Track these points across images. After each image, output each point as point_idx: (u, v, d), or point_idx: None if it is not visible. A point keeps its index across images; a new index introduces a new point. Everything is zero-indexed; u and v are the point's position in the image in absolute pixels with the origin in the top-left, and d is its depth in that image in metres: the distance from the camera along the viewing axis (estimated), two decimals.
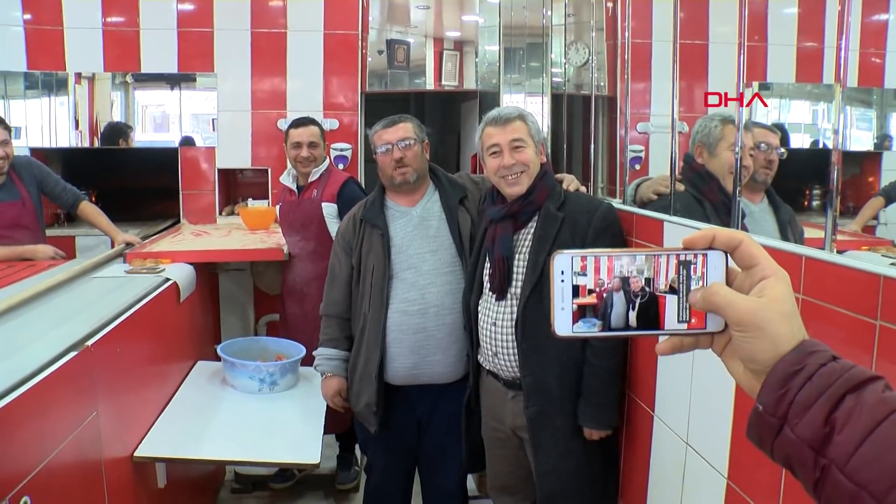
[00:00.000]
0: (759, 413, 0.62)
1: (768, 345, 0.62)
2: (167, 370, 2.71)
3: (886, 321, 1.21)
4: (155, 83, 4.47)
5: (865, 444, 0.55)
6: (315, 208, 3.38)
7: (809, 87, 2.51)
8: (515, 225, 2.28)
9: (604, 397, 2.21)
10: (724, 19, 2.46)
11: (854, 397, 0.57)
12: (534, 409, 2.24)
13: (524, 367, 2.24)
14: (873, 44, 2.45)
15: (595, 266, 0.68)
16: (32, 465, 1.52)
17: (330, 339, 2.65)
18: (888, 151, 2.50)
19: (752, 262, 0.66)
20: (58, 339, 1.87)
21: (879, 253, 1.58)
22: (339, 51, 4.47)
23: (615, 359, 2.23)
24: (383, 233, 2.52)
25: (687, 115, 2.74)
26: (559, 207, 2.23)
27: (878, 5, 2.44)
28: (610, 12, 3.57)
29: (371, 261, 2.52)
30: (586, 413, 2.21)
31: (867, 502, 0.53)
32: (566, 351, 2.20)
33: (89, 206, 3.56)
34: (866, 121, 2.54)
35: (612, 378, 2.23)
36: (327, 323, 2.67)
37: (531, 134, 2.27)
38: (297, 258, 3.45)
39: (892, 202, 2.10)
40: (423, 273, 2.49)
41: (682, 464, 1.97)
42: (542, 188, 2.26)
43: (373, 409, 2.52)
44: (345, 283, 2.63)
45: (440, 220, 2.56)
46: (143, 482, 2.29)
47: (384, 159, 2.56)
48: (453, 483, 2.72)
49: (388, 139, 2.55)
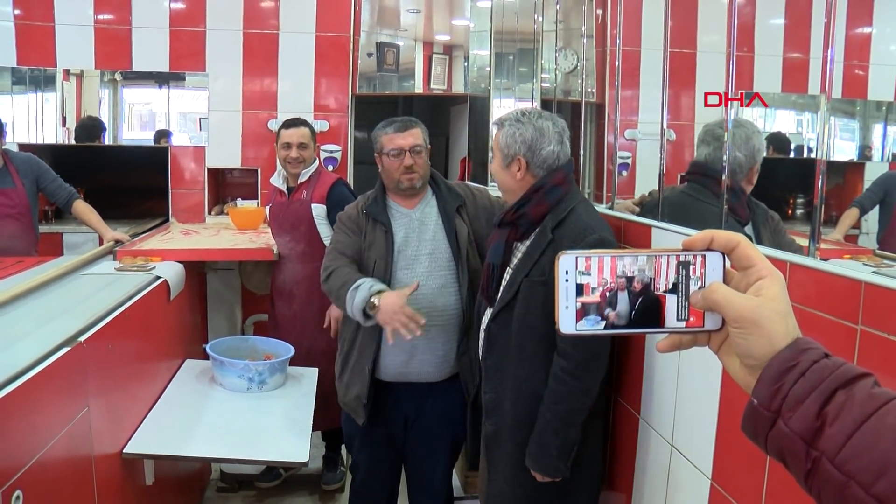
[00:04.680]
0: (753, 407, 0.65)
1: (765, 341, 0.65)
2: (156, 368, 2.71)
3: (867, 326, 1.24)
4: (143, 81, 4.46)
5: (854, 437, 0.57)
6: (305, 210, 3.42)
7: (795, 98, 2.55)
8: (515, 235, 2.17)
9: (548, 440, 2.05)
10: (713, 29, 2.50)
11: (845, 392, 0.60)
12: (491, 427, 2.21)
13: (486, 383, 2.22)
14: (857, 56, 2.50)
15: (598, 266, 0.70)
16: (25, 459, 1.52)
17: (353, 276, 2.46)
18: (870, 162, 2.55)
19: (749, 263, 0.68)
20: (50, 334, 1.87)
21: (861, 261, 1.62)
22: (331, 53, 4.49)
23: (565, 406, 2.03)
24: (387, 229, 2.53)
25: (675, 122, 2.78)
26: (555, 227, 2.08)
27: (861, 18, 2.50)
28: (600, 19, 3.61)
29: (373, 255, 2.53)
30: (529, 450, 2.10)
31: (855, 492, 0.56)
32: (526, 381, 2.10)
33: (82, 204, 3.59)
34: (850, 131, 2.59)
35: (561, 425, 2.04)
36: (340, 270, 2.50)
37: (499, 147, 2.18)
38: (287, 259, 3.48)
39: (865, 212, 2.14)
40: (417, 274, 2.51)
41: (668, 465, 2.00)
42: (538, 202, 2.12)
43: (363, 401, 2.54)
44: (352, 255, 2.55)
45: (437, 224, 2.58)
46: (132, 479, 2.29)
47: (393, 163, 2.55)
48: (439, 482, 2.74)
49: (400, 144, 2.55)
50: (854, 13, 2.46)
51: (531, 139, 2.13)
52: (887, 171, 2.43)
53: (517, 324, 2.12)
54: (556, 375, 2.04)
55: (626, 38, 2.94)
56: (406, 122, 2.61)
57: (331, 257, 2.58)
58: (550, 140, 2.13)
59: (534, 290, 2.08)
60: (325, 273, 2.55)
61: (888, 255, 1.67)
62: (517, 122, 2.16)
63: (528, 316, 2.09)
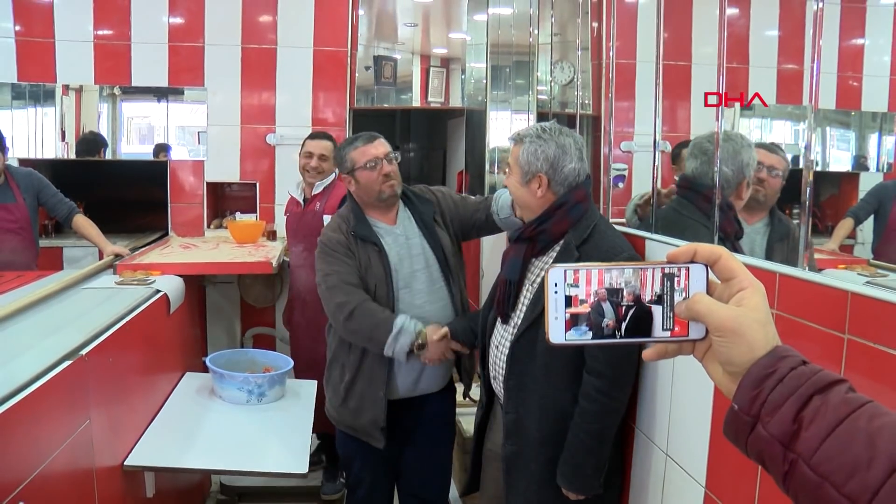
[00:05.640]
0: (734, 412, 0.68)
1: (745, 349, 0.68)
2: (157, 381, 2.73)
3: (853, 335, 1.27)
4: (142, 95, 4.49)
5: (829, 440, 0.60)
6: (317, 220, 3.55)
7: (790, 108, 2.58)
8: (533, 251, 2.13)
9: (582, 458, 2.02)
10: (707, 40, 2.53)
11: (820, 398, 0.63)
12: (511, 448, 2.16)
13: (507, 403, 2.16)
14: (850, 67, 2.53)
15: (586, 278, 0.73)
16: (28, 471, 1.54)
17: (384, 315, 2.44)
18: (865, 172, 2.58)
19: (731, 275, 0.71)
20: (51, 348, 1.89)
21: (855, 271, 1.64)
22: (328, 67, 4.52)
23: (599, 425, 2.01)
24: (380, 249, 2.51)
25: (670, 134, 2.81)
26: (581, 244, 2.03)
27: (854, 30, 2.53)
28: (595, 32, 3.65)
29: (371, 279, 2.50)
30: (562, 470, 2.06)
31: (829, 492, 0.59)
32: (547, 396, 2.06)
33: (82, 219, 3.62)
34: (845, 142, 2.62)
35: (595, 444, 2.01)
36: (364, 308, 2.44)
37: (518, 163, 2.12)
38: (301, 267, 3.63)
39: (860, 222, 2.17)
40: (417, 292, 2.52)
41: (663, 474, 2.02)
42: (559, 219, 2.07)
43: (380, 425, 2.52)
44: (357, 282, 2.49)
45: (420, 237, 2.57)
46: (133, 491, 2.31)
47: (370, 175, 2.53)
48: (435, 493, 2.78)
49: (374, 154, 2.54)
50: (847, 25, 2.50)
51: (554, 156, 2.07)
52: (881, 182, 2.46)
53: (544, 344, 2.09)
54: (589, 395, 2.00)
55: (621, 51, 2.98)
56: (370, 134, 2.61)
57: (343, 291, 2.47)
58: (572, 157, 2.08)
59: None
60: (345, 311, 2.44)
61: (883, 265, 1.70)
62: (538, 139, 2.09)
63: None
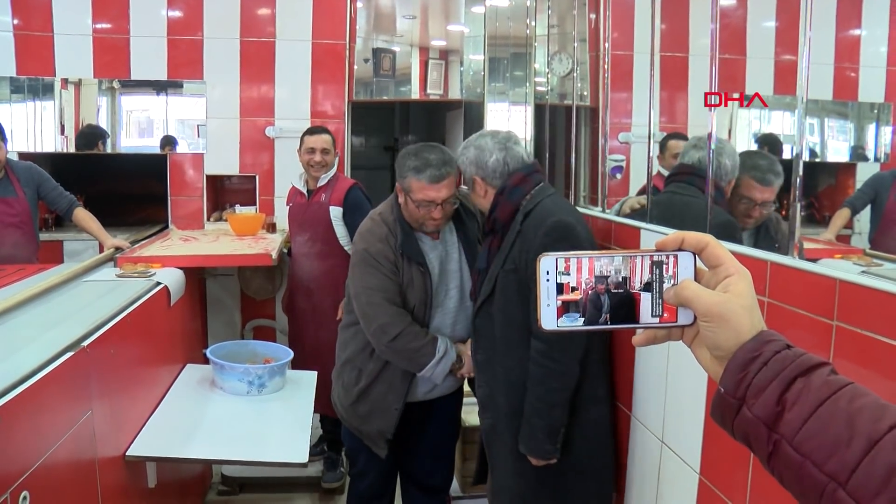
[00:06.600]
0: (721, 395, 0.70)
1: (731, 334, 0.70)
2: (158, 372, 2.75)
3: (842, 322, 1.29)
4: (141, 89, 4.49)
5: (810, 421, 0.62)
6: (323, 211, 3.62)
7: (789, 99, 2.59)
8: (497, 241, 2.26)
9: (534, 423, 2.12)
10: (705, 32, 2.53)
11: (803, 380, 0.65)
12: (487, 422, 2.28)
13: (479, 377, 2.30)
14: (848, 58, 2.54)
15: (577, 266, 0.74)
16: (31, 461, 1.56)
17: (427, 340, 2.44)
18: (863, 162, 2.59)
19: (718, 262, 0.73)
20: (53, 340, 1.90)
21: (851, 261, 1.66)
22: (327, 59, 4.52)
23: (544, 387, 2.11)
24: (425, 270, 2.47)
25: (668, 125, 2.82)
26: (524, 220, 2.19)
27: (851, 20, 2.53)
28: (593, 24, 3.65)
29: (412, 298, 2.47)
30: (521, 436, 2.17)
31: (810, 470, 0.61)
32: (513, 369, 2.17)
33: (83, 212, 3.64)
34: (844, 132, 2.63)
35: (543, 406, 2.11)
36: (408, 333, 2.41)
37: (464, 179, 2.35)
38: (305, 256, 3.70)
39: (857, 212, 2.18)
40: (448, 312, 2.53)
41: (658, 461, 2.04)
42: (503, 204, 2.23)
43: (387, 436, 2.55)
44: (400, 301, 2.47)
45: (459, 252, 2.56)
46: (135, 481, 2.33)
47: (420, 212, 2.41)
48: (439, 481, 2.81)
49: (432, 197, 2.37)
50: (843, 16, 2.50)
51: (475, 157, 2.29)
52: (878, 172, 2.47)
53: (500, 315, 2.20)
54: (533, 359, 2.11)
55: (619, 42, 2.98)
56: (441, 167, 2.37)
57: (387, 312, 2.42)
58: (492, 151, 2.27)
59: (508, 280, 2.16)
60: (390, 334, 2.40)
61: (879, 255, 1.71)
62: (462, 152, 2.35)
63: (508, 306, 2.17)
